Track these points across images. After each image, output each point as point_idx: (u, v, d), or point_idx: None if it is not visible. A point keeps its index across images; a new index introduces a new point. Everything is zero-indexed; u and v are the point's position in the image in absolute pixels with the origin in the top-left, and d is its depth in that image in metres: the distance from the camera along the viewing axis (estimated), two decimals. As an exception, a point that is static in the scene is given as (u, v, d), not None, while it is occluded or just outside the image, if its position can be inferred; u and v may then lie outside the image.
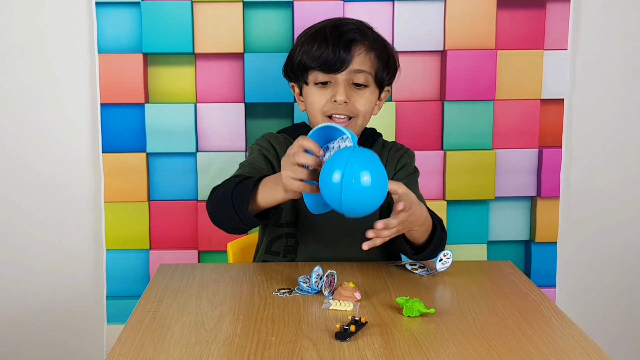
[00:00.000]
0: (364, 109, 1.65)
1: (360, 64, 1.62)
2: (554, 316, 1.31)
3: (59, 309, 2.32)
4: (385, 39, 1.72)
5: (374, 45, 1.65)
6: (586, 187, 2.33)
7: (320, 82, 1.64)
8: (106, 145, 2.22)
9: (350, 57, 1.61)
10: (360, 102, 1.64)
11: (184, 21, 2.16)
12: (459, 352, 1.14)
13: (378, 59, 1.65)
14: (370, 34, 1.66)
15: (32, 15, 2.18)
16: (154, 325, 1.26)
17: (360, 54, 1.62)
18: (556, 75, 2.25)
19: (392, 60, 1.69)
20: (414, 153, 1.79)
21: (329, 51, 1.60)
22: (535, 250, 2.31)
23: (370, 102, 1.66)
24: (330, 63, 1.61)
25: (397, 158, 1.75)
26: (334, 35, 1.62)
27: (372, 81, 1.65)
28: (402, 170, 1.73)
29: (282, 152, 1.72)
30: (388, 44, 1.71)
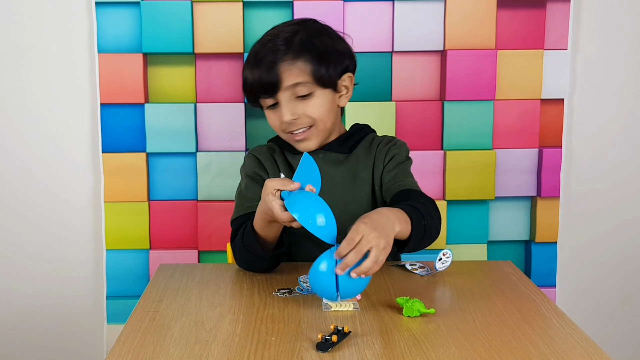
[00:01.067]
0: (317, 115, 1.63)
1: (294, 77, 1.60)
2: (554, 316, 1.31)
3: (59, 308, 2.31)
4: (323, 31, 1.68)
5: (300, 53, 1.60)
6: (586, 187, 2.33)
7: (269, 105, 1.65)
8: (106, 145, 2.21)
9: (277, 77, 1.59)
10: (309, 110, 1.62)
11: (183, 21, 2.16)
12: (459, 352, 1.14)
13: (310, 62, 1.61)
14: (294, 39, 1.62)
15: (32, 15, 2.18)
16: (153, 325, 1.26)
17: (288, 69, 1.60)
18: (556, 75, 2.25)
19: (329, 52, 1.64)
20: (404, 143, 1.76)
21: (257, 78, 1.61)
22: (535, 250, 2.31)
23: (322, 106, 1.63)
24: (264, 89, 1.61)
25: (385, 151, 1.72)
26: (256, 61, 1.61)
27: (315, 86, 1.62)
28: (391, 161, 1.70)
29: (266, 161, 1.74)
30: (320, 38, 1.65)
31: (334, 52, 1.66)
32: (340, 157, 1.72)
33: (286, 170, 1.73)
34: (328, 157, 1.72)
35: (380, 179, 1.70)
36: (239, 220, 1.65)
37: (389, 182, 1.67)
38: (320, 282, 1.26)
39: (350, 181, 1.71)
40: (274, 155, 1.75)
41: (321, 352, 1.13)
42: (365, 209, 1.67)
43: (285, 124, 1.63)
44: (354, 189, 1.71)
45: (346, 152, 1.73)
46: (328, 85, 1.64)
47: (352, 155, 1.73)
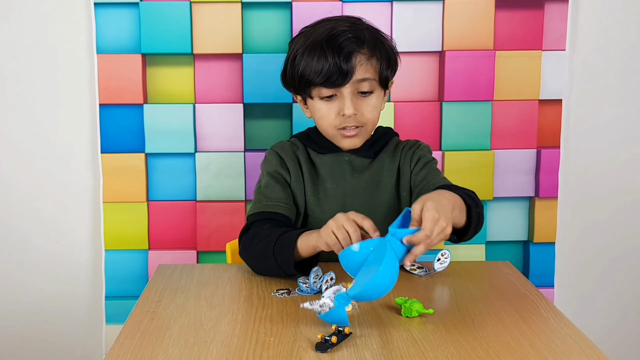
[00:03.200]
0: (372, 116, 1.66)
1: (364, 72, 1.61)
2: (552, 316, 1.31)
3: (58, 309, 2.31)
4: (380, 32, 1.70)
5: (374, 49, 1.63)
6: (584, 187, 2.33)
7: (325, 96, 1.63)
8: (105, 146, 2.22)
9: (352, 69, 1.59)
10: (368, 110, 1.65)
11: (182, 22, 2.16)
12: (458, 353, 1.14)
13: (379, 61, 1.64)
14: (367, 36, 1.64)
15: (31, 16, 2.18)
16: (152, 325, 1.26)
17: (362, 63, 1.61)
18: (554, 75, 2.25)
19: (392, 55, 1.68)
20: (427, 145, 1.79)
21: (330, 66, 1.58)
22: (534, 250, 2.32)
23: (377, 108, 1.67)
24: (334, 78, 1.59)
25: (410, 155, 1.73)
26: (332, 48, 1.59)
27: (377, 85, 1.65)
28: (418, 163, 1.71)
29: (288, 159, 1.73)
30: (385, 39, 1.69)
31: (395, 56, 1.69)
32: (365, 162, 1.73)
33: (309, 169, 1.72)
34: (354, 161, 1.72)
35: (409, 184, 1.71)
36: (255, 216, 1.64)
37: (420, 183, 1.67)
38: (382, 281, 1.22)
39: (374, 187, 1.71)
40: (297, 153, 1.74)
41: (320, 352, 1.14)
42: (387, 215, 1.68)
43: (340, 119, 1.63)
44: (377, 194, 1.71)
45: (371, 157, 1.73)
46: (385, 86, 1.68)
47: (376, 161, 1.73)
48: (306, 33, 1.68)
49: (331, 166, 1.72)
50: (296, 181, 1.71)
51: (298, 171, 1.71)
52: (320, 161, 1.72)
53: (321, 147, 1.73)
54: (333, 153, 1.72)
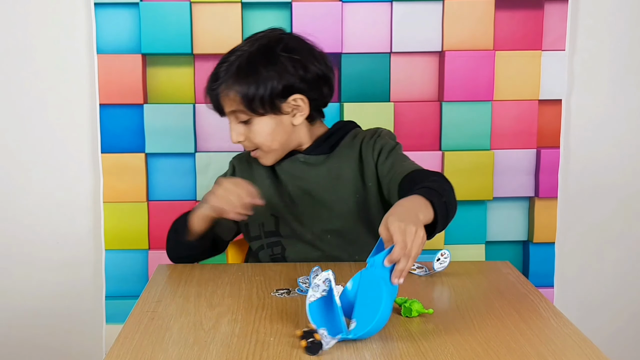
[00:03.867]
0: (259, 141, 1.63)
1: (229, 105, 1.62)
2: (551, 316, 1.31)
3: (58, 308, 2.32)
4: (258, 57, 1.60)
5: (233, 82, 1.59)
6: (584, 187, 2.34)
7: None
8: (105, 146, 2.22)
9: (219, 103, 1.63)
10: (252, 136, 1.63)
11: (182, 22, 2.17)
12: (457, 353, 1.14)
13: (240, 92, 1.58)
14: (231, 67, 1.59)
15: (31, 15, 2.18)
16: (152, 325, 1.26)
17: (224, 97, 1.61)
18: (554, 75, 2.25)
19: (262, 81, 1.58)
20: (389, 131, 1.75)
21: (208, 100, 1.66)
22: (533, 250, 2.32)
23: (264, 131, 1.62)
24: (214, 109, 1.66)
25: (372, 144, 1.69)
26: (210, 79, 1.64)
27: (250, 113, 1.60)
28: (381, 153, 1.67)
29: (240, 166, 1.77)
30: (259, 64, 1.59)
31: (270, 78, 1.58)
32: (320, 158, 1.70)
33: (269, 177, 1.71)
34: (309, 160, 1.70)
35: (375, 175, 1.67)
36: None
37: (388, 173, 1.64)
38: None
39: (334, 180, 1.69)
40: (255, 164, 1.74)
41: (312, 355, 1.13)
42: (351, 207, 1.67)
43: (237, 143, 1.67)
44: (338, 187, 1.69)
45: (327, 152, 1.70)
46: (265, 113, 1.60)
47: (333, 154, 1.70)
48: None
49: (288, 169, 1.70)
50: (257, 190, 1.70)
51: (252, 179, 1.69)
52: (279, 167, 1.71)
53: None
54: (288, 157, 1.70)
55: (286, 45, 1.62)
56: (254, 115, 1.60)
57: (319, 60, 1.65)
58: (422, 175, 1.55)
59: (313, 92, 1.63)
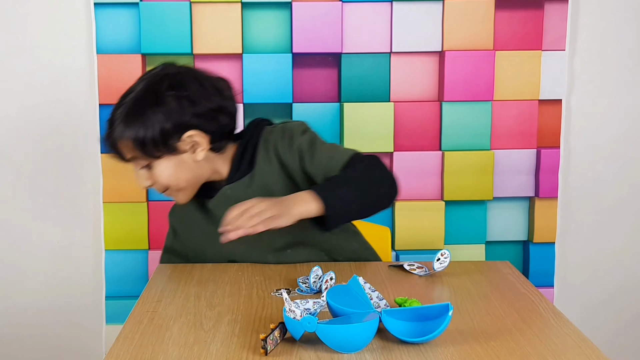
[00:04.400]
0: (166, 182, 1.56)
1: (126, 152, 1.54)
2: (551, 316, 1.31)
3: (58, 309, 2.32)
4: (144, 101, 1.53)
5: (123, 131, 1.51)
6: (584, 187, 2.34)
7: None
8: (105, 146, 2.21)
9: (118, 150, 1.55)
10: (156, 178, 1.56)
11: (182, 22, 2.17)
12: (457, 353, 1.14)
13: (131, 139, 1.51)
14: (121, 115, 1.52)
15: (31, 16, 2.18)
16: (152, 325, 1.26)
17: (120, 145, 1.53)
18: (554, 75, 2.25)
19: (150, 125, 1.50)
20: (295, 123, 1.63)
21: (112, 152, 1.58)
22: (534, 250, 2.32)
23: (166, 173, 1.54)
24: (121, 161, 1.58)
25: (288, 150, 1.58)
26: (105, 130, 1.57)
27: (147, 158, 1.53)
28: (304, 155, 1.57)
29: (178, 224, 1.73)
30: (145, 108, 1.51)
31: (158, 120, 1.51)
32: (245, 181, 1.60)
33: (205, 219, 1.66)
34: (235, 189, 1.61)
35: (305, 176, 1.58)
36: None
37: (321, 171, 1.56)
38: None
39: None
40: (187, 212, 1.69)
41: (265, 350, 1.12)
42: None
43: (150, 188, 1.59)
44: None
45: (248, 170, 1.61)
46: (162, 155, 1.53)
47: (255, 171, 1.60)
48: None
49: (220, 204, 1.60)
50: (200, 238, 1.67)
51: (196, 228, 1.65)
52: (211, 206, 1.64)
53: (205, 191, 1.64)
54: (215, 192, 1.63)
55: (172, 82, 1.54)
56: (151, 159, 1.53)
57: (211, 93, 1.56)
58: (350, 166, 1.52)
59: (209, 125, 1.54)
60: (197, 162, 1.56)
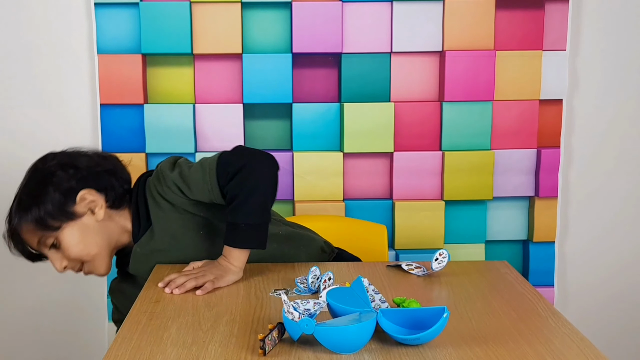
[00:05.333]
0: (76, 251, 1.56)
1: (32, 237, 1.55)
2: (550, 316, 1.31)
3: (61, 306, 2.33)
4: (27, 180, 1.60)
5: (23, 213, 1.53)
6: (584, 187, 2.34)
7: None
8: (106, 146, 2.22)
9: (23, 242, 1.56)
10: (72, 252, 1.55)
11: (182, 22, 2.17)
12: (456, 353, 1.14)
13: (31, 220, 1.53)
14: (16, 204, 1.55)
15: (31, 16, 2.18)
16: (150, 326, 1.27)
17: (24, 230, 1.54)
18: (555, 75, 2.25)
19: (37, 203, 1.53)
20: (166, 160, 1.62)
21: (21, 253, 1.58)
22: (533, 249, 2.32)
23: (73, 242, 1.55)
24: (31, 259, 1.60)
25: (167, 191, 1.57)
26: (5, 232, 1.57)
27: (50, 233, 1.54)
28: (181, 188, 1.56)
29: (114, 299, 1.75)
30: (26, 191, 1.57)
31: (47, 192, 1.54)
32: (148, 234, 1.60)
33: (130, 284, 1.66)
34: (142, 245, 1.61)
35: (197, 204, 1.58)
36: None
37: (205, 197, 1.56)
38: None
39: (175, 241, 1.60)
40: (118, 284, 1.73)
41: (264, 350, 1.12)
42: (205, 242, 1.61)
43: (68, 269, 1.59)
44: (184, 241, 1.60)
45: (148, 224, 1.60)
46: (63, 224, 1.54)
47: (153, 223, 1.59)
48: None
49: (136, 264, 1.62)
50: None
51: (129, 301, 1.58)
52: (132, 269, 1.64)
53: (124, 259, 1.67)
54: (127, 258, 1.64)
55: (48, 157, 1.61)
56: (54, 232, 1.53)
57: (96, 160, 1.61)
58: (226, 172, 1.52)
59: (99, 183, 1.57)
60: (100, 223, 1.57)
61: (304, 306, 1.21)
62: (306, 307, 1.21)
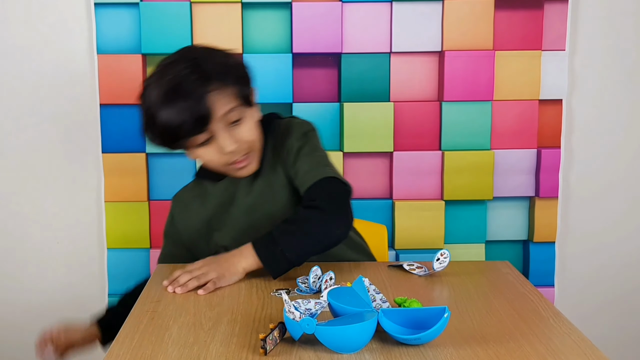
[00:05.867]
0: (252, 138, 1.55)
1: (224, 105, 1.48)
2: (551, 316, 1.31)
3: (63, 306, 2.33)
4: (222, 53, 1.56)
5: (225, 78, 1.50)
6: (584, 187, 2.34)
7: (200, 143, 1.52)
8: (106, 146, 2.22)
9: (210, 109, 1.46)
10: (246, 135, 1.53)
11: (182, 22, 2.17)
12: (457, 353, 1.14)
13: (235, 86, 1.51)
14: (211, 68, 1.49)
15: (32, 16, 2.18)
16: (152, 325, 1.27)
17: (219, 98, 1.48)
18: (554, 75, 2.25)
19: (243, 72, 1.55)
20: (296, 124, 1.64)
21: (188, 116, 1.45)
22: (534, 250, 2.32)
23: (253, 126, 1.55)
24: (197, 125, 1.47)
25: (280, 148, 1.60)
26: (183, 97, 1.46)
27: (243, 108, 1.52)
28: (288, 157, 1.58)
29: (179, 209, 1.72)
30: (230, 57, 1.57)
31: (240, 67, 1.56)
32: (252, 177, 1.62)
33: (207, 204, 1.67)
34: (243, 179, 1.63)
35: (290, 177, 1.60)
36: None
37: (295, 179, 1.58)
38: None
39: (269, 196, 1.61)
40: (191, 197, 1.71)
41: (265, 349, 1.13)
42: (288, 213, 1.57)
43: (228, 155, 1.53)
44: (276, 199, 1.61)
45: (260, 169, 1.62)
46: (250, 103, 1.55)
47: (264, 168, 1.62)
48: (151, 86, 1.53)
49: (228, 190, 1.64)
50: (195, 225, 1.67)
51: (194, 215, 1.66)
52: (217, 192, 1.66)
53: (216, 175, 1.64)
54: (226, 178, 1.65)
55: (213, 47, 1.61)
56: (245, 109, 1.52)
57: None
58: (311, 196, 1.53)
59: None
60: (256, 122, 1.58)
61: (305, 306, 1.21)
62: (307, 307, 1.21)
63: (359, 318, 1.16)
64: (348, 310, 1.21)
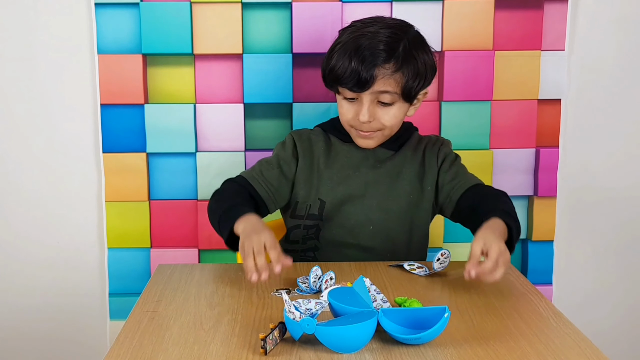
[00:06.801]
0: (389, 124, 1.68)
1: (384, 85, 1.61)
2: (551, 316, 1.32)
3: (64, 305, 2.33)
4: (420, 45, 1.68)
5: (403, 64, 1.61)
6: (583, 186, 2.34)
7: (347, 97, 1.67)
8: (106, 146, 2.22)
9: (372, 79, 1.60)
10: (385, 118, 1.67)
11: (183, 22, 2.17)
12: (457, 352, 1.15)
13: (405, 76, 1.62)
14: (401, 49, 1.62)
15: (32, 16, 2.18)
16: (152, 325, 1.27)
17: (385, 76, 1.61)
18: (553, 75, 2.26)
19: (423, 71, 1.66)
20: (449, 141, 1.84)
21: (352, 71, 1.60)
22: (532, 248, 2.32)
23: (397, 117, 1.68)
24: (352, 84, 1.61)
25: (436, 151, 1.78)
26: (360, 55, 1.60)
27: (398, 98, 1.64)
28: (445, 161, 1.77)
29: (302, 146, 1.77)
30: (423, 53, 1.67)
31: (429, 69, 1.68)
32: (387, 154, 1.77)
33: (327, 156, 1.77)
34: (377, 151, 1.76)
35: (435, 180, 1.76)
36: (241, 179, 1.74)
37: (451, 181, 1.73)
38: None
39: (394, 178, 1.76)
40: (315, 141, 1.79)
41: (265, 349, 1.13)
42: (402, 206, 1.74)
43: (357, 121, 1.66)
44: (397, 185, 1.75)
45: (394, 149, 1.78)
46: (410, 100, 1.68)
47: (399, 153, 1.77)
48: (353, 29, 1.68)
49: (353, 155, 1.76)
50: (307, 169, 1.76)
51: (311, 160, 1.76)
52: (343, 149, 1.77)
53: (346, 136, 1.77)
54: (353, 143, 1.76)
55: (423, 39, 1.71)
56: (400, 100, 1.65)
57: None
58: (487, 190, 1.68)
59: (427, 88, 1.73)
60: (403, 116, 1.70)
61: (305, 306, 1.22)
62: (307, 307, 1.22)
63: (359, 318, 1.17)
64: (348, 310, 1.21)
